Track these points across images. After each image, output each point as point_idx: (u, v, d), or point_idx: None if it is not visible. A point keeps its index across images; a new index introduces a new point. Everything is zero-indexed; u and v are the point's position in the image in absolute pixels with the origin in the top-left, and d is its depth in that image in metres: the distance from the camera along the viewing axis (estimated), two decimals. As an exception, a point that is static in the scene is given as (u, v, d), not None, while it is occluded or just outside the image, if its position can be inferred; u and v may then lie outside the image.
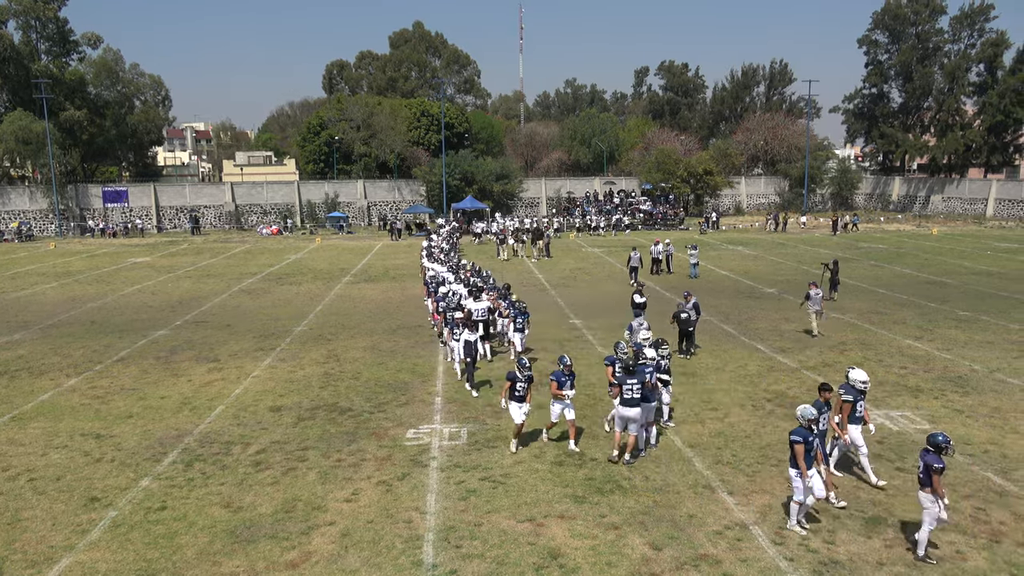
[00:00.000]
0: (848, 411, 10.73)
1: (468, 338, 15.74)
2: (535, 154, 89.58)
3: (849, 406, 10.73)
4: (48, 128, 58.54)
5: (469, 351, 15.72)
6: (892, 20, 76.73)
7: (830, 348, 18.96)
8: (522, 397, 12.16)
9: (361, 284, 31.63)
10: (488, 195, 61.65)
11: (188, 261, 41.03)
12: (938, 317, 22.65)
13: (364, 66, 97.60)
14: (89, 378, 17.26)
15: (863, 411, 10.87)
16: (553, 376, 12.23)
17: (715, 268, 34.64)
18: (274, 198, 66.64)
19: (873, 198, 76.95)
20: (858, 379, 10.87)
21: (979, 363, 17.37)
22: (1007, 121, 71.05)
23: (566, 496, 10.58)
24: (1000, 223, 59.35)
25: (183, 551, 9.23)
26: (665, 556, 8.95)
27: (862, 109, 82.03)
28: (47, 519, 10.15)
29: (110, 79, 70.55)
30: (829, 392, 10.72)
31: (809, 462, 9.32)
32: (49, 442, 13.08)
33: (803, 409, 9.68)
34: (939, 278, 30.59)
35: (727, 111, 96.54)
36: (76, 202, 62.19)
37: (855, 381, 10.85)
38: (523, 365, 12.37)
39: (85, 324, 23.68)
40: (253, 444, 12.81)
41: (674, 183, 63.35)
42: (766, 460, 11.82)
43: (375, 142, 72.41)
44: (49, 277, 35.05)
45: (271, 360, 18.65)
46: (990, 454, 11.91)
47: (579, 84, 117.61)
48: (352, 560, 8.95)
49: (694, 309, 18.31)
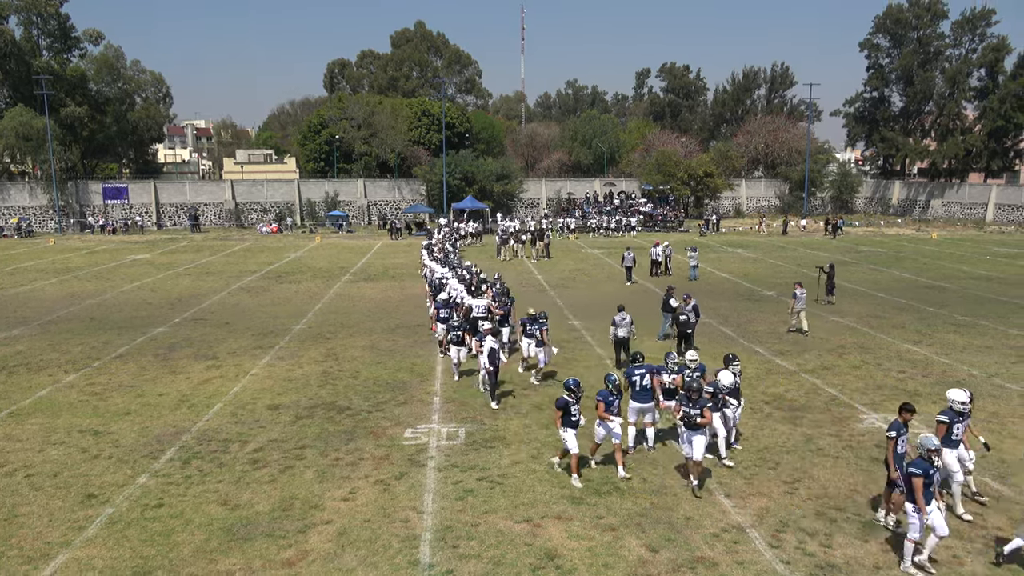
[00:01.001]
0: (942, 433, 9.81)
1: (492, 345, 14.82)
2: (536, 155, 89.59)
3: (944, 427, 9.85)
4: (48, 124, 58.50)
5: (492, 359, 14.74)
6: (893, 24, 76.78)
7: (829, 351, 18.96)
8: (576, 422, 11.09)
9: (360, 283, 31.62)
10: (488, 195, 61.65)
11: (188, 258, 41.02)
12: (937, 321, 22.66)
13: (365, 65, 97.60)
14: (87, 375, 17.25)
15: (961, 434, 9.95)
16: (600, 396, 11.25)
17: (715, 270, 34.65)
18: (274, 196, 66.66)
19: (873, 202, 76.99)
20: (955, 399, 10.01)
21: (977, 368, 17.38)
22: (1007, 126, 71.06)
23: (563, 497, 10.58)
24: (1000, 228, 59.39)
25: (180, 548, 9.22)
26: (662, 558, 8.95)
27: (863, 113, 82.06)
28: (44, 515, 10.14)
29: (111, 76, 70.47)
30: (910, 413, 9.88)
31: (928, 497, 8.47)
32: (47, 438, 13.07)
33: (924, 439, 8.70)
34: (938, 282, 30.60)
35: (728, 113, 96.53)
36: (76, 198, 62.19)
37: (952, 402, 10.01)
38: (571, 387, 11.24)
39: (84, 320, 23.67)
40: (251, 442, 12.80)
41: (674, 185, 63.38)
42: (764, 463, 11.82)
43: (376, 141, 72.40)
44: (48, 273, 35.04)
45: (270, 358, 18.64)
46: (987, 459, 11.89)
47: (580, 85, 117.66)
48: (349, 559, 8.94)
49: (693, 311, 18.33)
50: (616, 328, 17.27)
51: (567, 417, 11.04)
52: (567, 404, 11.05)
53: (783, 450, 12.33)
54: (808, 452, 12.27)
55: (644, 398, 12.17)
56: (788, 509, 10.22)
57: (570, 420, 11.04)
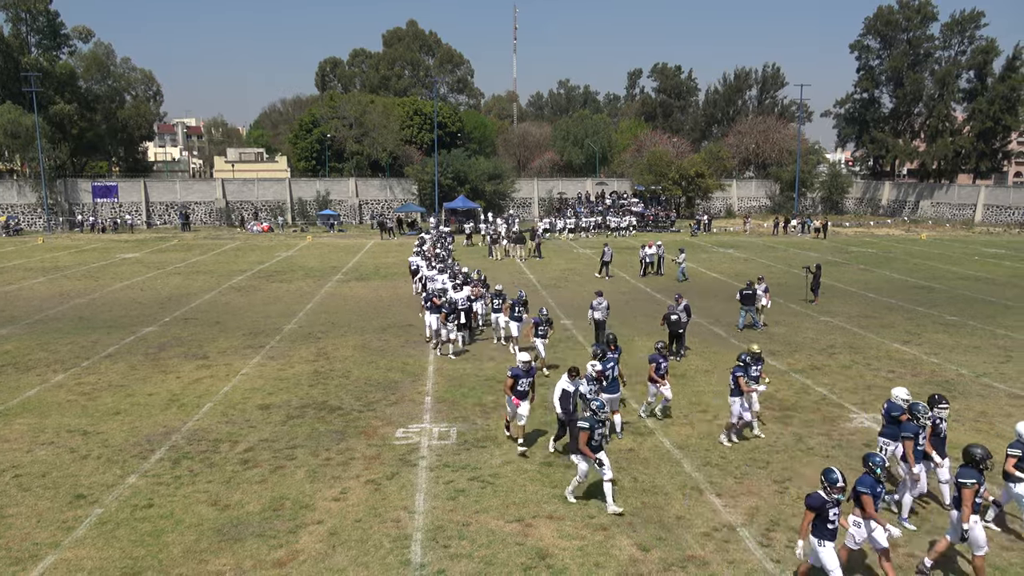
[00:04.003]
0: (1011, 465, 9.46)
1: (566, 387, 11.97)
2: (527, 154, 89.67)
3: (1014, 460, 9.44)
4: (37, 122, 58.07)
5: (565, 402, 11.97)
6: (884, 26, 77.21)
7: (819, 351, 19.05)
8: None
9: (352, 282, 31.55)
10: (480, 195, 61.61)
11: (178, 257, 40.82)
12: (926, 322, 22.80)
13: (357, 64, 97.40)
14: (76, 374, 17.14)
15: None
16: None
17: (706, 271, 34.75)
18: (265, 195, 66.42)
19: (863, 202, 77.42)
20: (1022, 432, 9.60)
21: (966, 367, 17.50)
22: (996, 128, 71.69)
23: (555, 496, 10.58)
24: (988, 229, 59.80)
25: (169, 549, 9.18)
26: (653, 557, 8.97)
27: (853, 114, 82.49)
28: (32, 516, 10.08)
29: (101, 73, 69.98)
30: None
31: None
32: (35, 438, 12.98)
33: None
34: (927, 283, 30.80)
35: (719, 114, 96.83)
36: (65, 197, 61.78)
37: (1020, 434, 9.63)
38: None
39: (73, 320, 23.52)
40: (241, 442, 12.76)
41: (666, 185, 63.54)
42: (754, 462, 11.86)
43: (367, 140, 72.25)
44: (37, 272, 34.79)
45: (260, 358, 18.57)
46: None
47: (572, 85, 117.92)
48: (340, 559, 8.92)
49: (685, 311, 18.40)
50: (593, 311, 19.52)
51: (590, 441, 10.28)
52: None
53: (773, 449, 12.38)
54: (798, 451, 12.33)
55: (612, 389, 12.84)
56: (778, 508, 10.26)
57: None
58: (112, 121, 71.57)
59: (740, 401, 12.40)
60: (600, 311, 19.48)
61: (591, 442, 10.23)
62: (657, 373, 13.45)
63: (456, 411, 14.36)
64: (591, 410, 10.44)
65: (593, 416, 10.31)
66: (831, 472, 8.12)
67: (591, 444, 10.23)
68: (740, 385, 12.37)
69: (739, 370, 12.51)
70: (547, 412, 13.92)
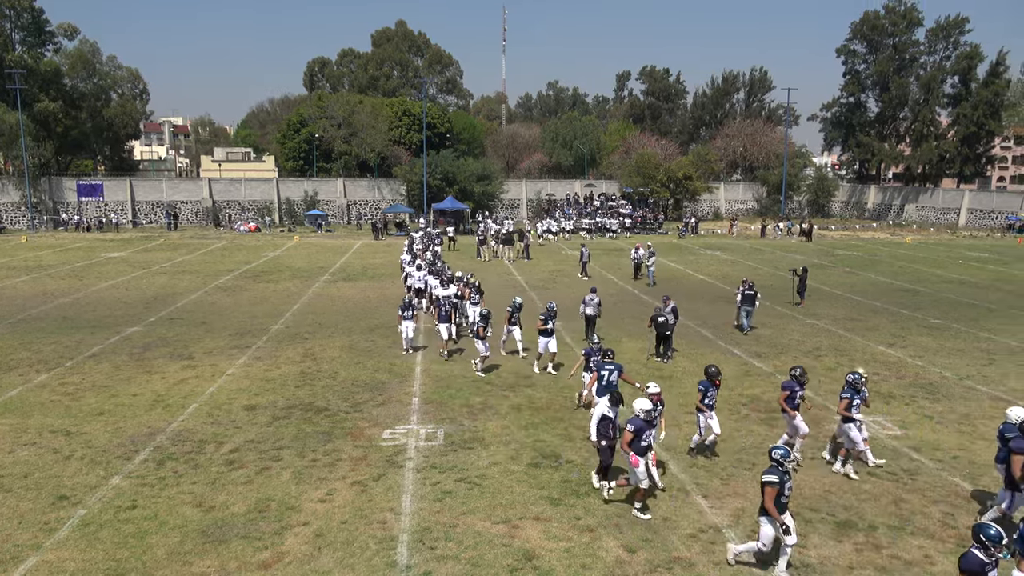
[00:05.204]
0: (1019, 466, 9.13)
1: (607, 413, 10.69)
2: (516, 155, 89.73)
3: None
4: (21, 119, 57.47)
5: (605, 430, 10.66)
6: (870, 31, 77.88)
7: (804, 354, 19.16)
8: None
9: (339, 283, 31.43)
10: (469, 196, 61.58)
11: (163, 257, 40.52)
12: (911, 324, 23.00)
13: (346, 64, 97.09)
14: (59, 374, 16.97)
15: None
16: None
17: (693, 272, 34.88)
18: (252, 195, 66.07)
19: (849, 206, 78.02)
20: None
21: (949, 370, 17.67)
22: (980, 133, 72.50)
23: (542, 498, 10.59)
24: (972, 232, 60.41)
25: (153, 550, 9.11)
26: (639, 558, 8.99)
27: (839, 118, 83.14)
28: (13, 517, 9.97)
29: (86, 71, 69.30)
30: None
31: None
32: (17, 439, 12.84)
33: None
34: (912, 286, 31.06)
35: (707, 117, 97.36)
36: (49, 195, 61.19)
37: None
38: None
39: (56, 319, 23.29)
40: (227, 443, 12.68)
41: (654, 187, 63.75)
42: (740, 464, 11.92)
43: (356, 140, 72.04)
44: (20, 271, 34.43)
45: (246, 358, 18.47)
46: (959, 460, 12.11)
47: (561, 87, 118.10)
48: (326, 561, 8.88)
49: (672, 313, 18.45)
50: (585, 306, 20.04)
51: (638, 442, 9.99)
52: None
53: (759, 451, 12.43)
54: (784, 453, 12.37)
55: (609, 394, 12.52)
56: (764, 510, 10.30)
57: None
58: (98, 119, 70.94)
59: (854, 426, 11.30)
60: (592, 307, 19.93)
61: (780, 498, 8.39)
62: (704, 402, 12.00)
63: (443, 412, 14.33)
64: (774, 460, 8.53)
65: (778, 468, 8.47)
66: (987, 527, 6.40)
67: (779, 502, 8.39)
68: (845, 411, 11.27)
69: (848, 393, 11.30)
70: (533, 394, 13.92)
